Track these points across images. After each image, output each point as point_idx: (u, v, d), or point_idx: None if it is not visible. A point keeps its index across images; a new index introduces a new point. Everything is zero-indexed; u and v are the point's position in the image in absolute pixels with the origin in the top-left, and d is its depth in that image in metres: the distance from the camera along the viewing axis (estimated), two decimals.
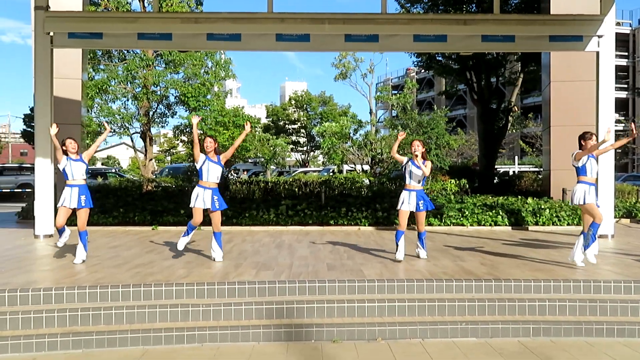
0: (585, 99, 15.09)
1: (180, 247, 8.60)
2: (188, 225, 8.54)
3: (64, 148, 8.22)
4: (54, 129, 8.32)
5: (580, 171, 8.04)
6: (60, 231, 8.39)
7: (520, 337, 6.35)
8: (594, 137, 8.06)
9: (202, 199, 8.31)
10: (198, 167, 8.44)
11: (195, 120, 8.56)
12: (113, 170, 37.37)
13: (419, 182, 8.52)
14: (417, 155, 8.38)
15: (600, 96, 11.76)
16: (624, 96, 52.00)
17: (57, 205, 8.33)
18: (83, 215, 8.25)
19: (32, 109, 32.30)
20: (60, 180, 13.98)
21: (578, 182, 8.06)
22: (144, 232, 12.56)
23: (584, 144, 8.04)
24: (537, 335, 6.37)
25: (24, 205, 15.75)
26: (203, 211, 8.39)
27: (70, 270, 7.79)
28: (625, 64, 53.29)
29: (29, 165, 30.28)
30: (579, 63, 15.69)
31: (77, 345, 5.97)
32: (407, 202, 8.45)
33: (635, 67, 53.17)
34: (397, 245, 8.61)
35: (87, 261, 8.44)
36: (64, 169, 8.24)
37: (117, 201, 14.14)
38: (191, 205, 8.41)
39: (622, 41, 51.02)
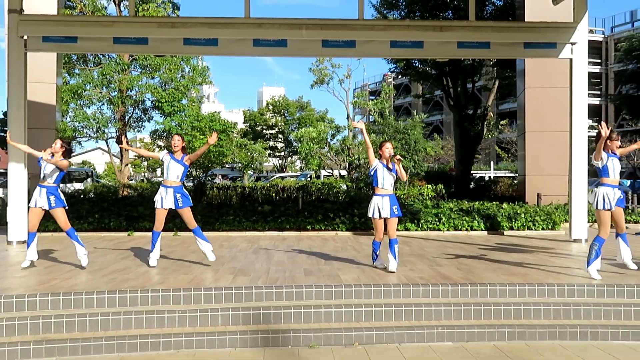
0: (559, 105, 15.31)
1: (153, 263, 8.48)
2: (152, 235, 8.45)
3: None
4: (8, 136, 8.41)
5: (602, 172, 7.67)
6: (31, 237, 8.20)
7: (496, 341, 6.40)
8: (619, 138, 7.73)
9: (163, 198, 8.27)
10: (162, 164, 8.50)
11: (123, 144, 8.76)
12: None
13: (391, 186, 8.07)
14: (399, 159, 7.92)
15: (574, 102, 11.94)
16: (597, 102, 52.78)
17: (29, 205, 8.20)
18: (60, 215, 8.09)
19: (5, 114, 31.84)
20: (34, 186, 13.85)
21: (600, 184, 7.71)
22: (120, 238, 12.43)
23: (609, 144, 7.64)
24: (512, 338, 6.42)
25: None
26: (168, 213, 8.39)
27: (43, 276, 7.68)
28: (598, 70, 54.07)
29: (2, 171, 29.79)
30: (553, 70, 15.90)
31: (51, 352, 5.88)
32: (381, 209, 7.93)
33: (608, 74, 53.97)
34: (375, 255, 8.37)
35: (60, 268, 8.34)
36: (40, 165, 8.14)
37: (92, 207, 13.97)
38: (155, 205, 8.35)
39: (595, 48, 51.73)
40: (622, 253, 7.98)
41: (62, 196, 8.19)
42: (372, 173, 8.15)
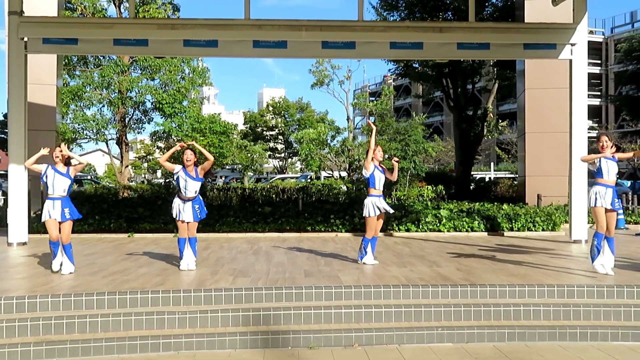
0: (559, 106, 15.32)
1: (184, 267, 8.39)
2: (178, 243, 8.45)
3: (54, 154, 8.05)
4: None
5: (597, 174, 7.85)
6: (55, 246, 8.09)
7: (496, 342, 6.40)
8: (604, 140, 7.84)
9: (181, 211, 8.26)
10: (174, 177, 8.44)
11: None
12: (88, 177, 36.99)
13: (382, 186, 8.80)
14: (397, 161, 8.91)
15: (574, 103, 11.94)
16: (597, 103, 52.78)
17: (42, 220, 8.05)
18: (67, 228, 8.03)
19: (5, 115, 31.88)
20: (34, 187, 13.86)
21: (594, 184, 7.85)
22: (120, 240, 12.44)
23: (601, 151, 7.86)
24: (512, 339, 6.42)
25: None
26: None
27: (44, 278, 7.69)
28: (598, 71, 54.05)
29: (2, 172, 29.80)
30: (553, 71, 15.92)
31: (51, 354, 5.89)
32: (378, 208, 8.62)
33: (608, 75, 53.96)
34: (365, 251, 8.83)
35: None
36: (45, 181, 8.05)
37: (92, 208, 13.97)
38: (175, 217, 8.37)
39: (595, 49, 51.72)
40: (605, 258, 7.93)
41: (75, 207, 8.16)
42: (369, 176, 8.71)
